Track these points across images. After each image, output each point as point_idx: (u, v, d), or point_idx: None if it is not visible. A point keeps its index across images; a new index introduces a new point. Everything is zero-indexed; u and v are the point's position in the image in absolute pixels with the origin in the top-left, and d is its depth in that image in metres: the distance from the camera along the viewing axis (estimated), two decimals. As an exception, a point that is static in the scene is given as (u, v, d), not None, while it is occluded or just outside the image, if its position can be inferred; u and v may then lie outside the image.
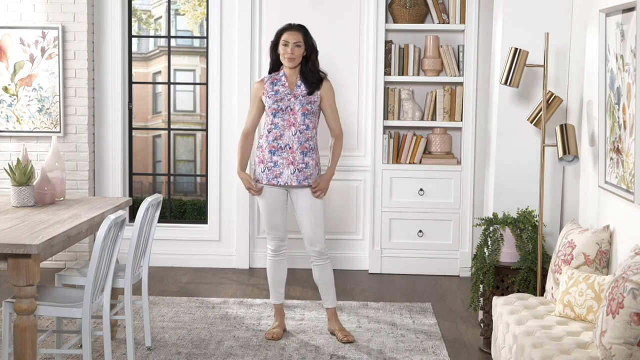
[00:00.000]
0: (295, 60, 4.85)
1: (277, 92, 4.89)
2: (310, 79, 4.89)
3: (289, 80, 4.91)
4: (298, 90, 4.89)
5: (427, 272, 6.75)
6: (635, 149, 3.69)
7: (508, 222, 4.79)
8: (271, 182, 4.90)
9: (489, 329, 4.84)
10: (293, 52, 4.83)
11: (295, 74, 4.92)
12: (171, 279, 6.51)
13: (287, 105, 4.87)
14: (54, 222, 4.20)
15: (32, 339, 3.73)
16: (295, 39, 4.84)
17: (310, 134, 4.91)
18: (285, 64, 4.88)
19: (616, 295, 3.16)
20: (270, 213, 4.99)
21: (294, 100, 4.87)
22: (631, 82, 3.78)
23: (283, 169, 4.88)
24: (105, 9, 6.81)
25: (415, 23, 6.64)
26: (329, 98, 4.94)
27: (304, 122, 4.87)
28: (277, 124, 4.88)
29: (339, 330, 5.03)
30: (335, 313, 5.11)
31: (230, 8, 6.76)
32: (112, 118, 6.88)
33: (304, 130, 4.88)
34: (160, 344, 4.87)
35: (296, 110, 4.87)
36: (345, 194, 6.83)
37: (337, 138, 5.00)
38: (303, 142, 4.88)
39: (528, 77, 4.96)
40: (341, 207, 6.78)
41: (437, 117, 6.67)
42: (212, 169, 6.88)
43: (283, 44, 4.85)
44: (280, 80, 4.91)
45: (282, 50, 4.85)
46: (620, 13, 3.94)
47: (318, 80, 4.91)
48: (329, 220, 6.80)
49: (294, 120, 4.87)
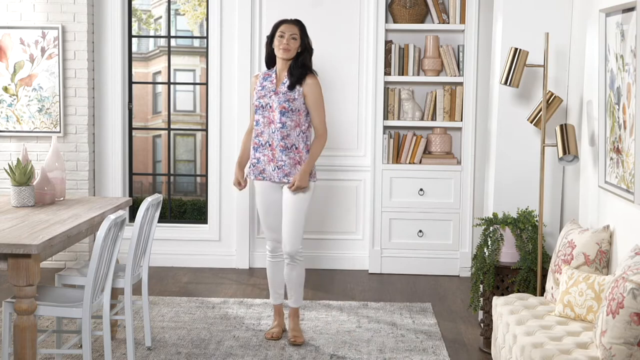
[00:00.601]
0: (290, 51, 4.79)
1: (263, 88, 4.86)
2: (294, 73, 4.80)
3: (279, 77, 4.86)
4: (282, 88, 4.82)
5: (427, 272, 6.75)
6: (635, 149, 3.69)
7: (508, 222, 4.79)
8: (257, 177, 4.93)
9: (489, 329, 4.84)
10: (288, 44, 4.77)
11: (285, 70, 4.85)
12: (171, 279, 6.51)
13: (267, 103, 4.83)
14: (54, 222, 4.20)
15: (32, 339, 3.73)
16: (292, 31, 4.80)
17: (287, 132, 4.80)
18: (279, 55, 4.81)
19: (616, 295, 3.16)
20: (265, 213, 4.98)
21: (274, 98, 4.81)
22: (631, 82, 3.78)
23: (265, 165, 4.88)
24: (105, 9, 6.81)
25: (415, 23, 6.64)
26: (313, 95, 4.82)
27: (280, 120, 4.79)
28: (258, 121, 4.88)
29: (292, 329, 4.97)
30: (296, 314, 5.02)
31: (230, 8, 6.76)
32: (112, 118, 6.88)
33: (280, 128, 4.80)
34: (160, 344, 4.87)
35: (274, 107, 4.81)
36: (345, 194, 6.83)
37: (319, 137, 4.87)
38: (281, 140, 4.81)
39: (528, 77, 4.96)
40: (341, 207, 6.78)
41: (437, 117, 6.67)
42: (212, 169, 6.88)
43: (279, 36, 4.80)
44: (270, 77, 4.88)
45: (277, 42, 4.80)
46: (620, 13, 3.94)
47: (301, 75, 4.79)
48: (329, 220, 6.81)
49: (272, 117, 4.83)
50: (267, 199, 4.95)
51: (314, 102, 4.83)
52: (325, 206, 6.81)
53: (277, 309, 5.15)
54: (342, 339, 5.02)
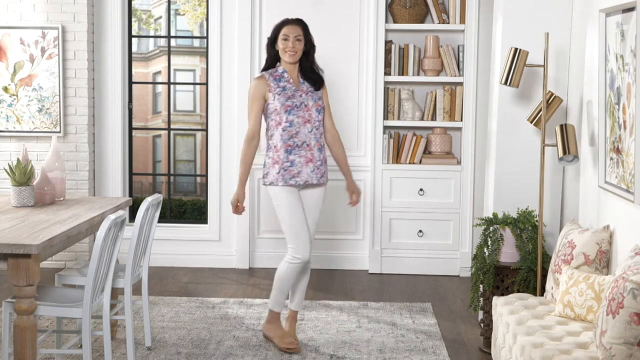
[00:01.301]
0: (297, 54, 4.70)
1: (284, 89, 4.71)
2: (311, 75, 4.77)
3: (292, 77, 4.76)
4: (304, 87, 4.75)
5: (427, 272, 6.75)
6: (635, 149, 3.69)
7: (508, 222, 4.79)
8: (289, 182, 4.69)
9: (489, 329, 4.84)
10: (294, 46, 4.68)
11: (295, 70, 4.78)
12: (171, 279, 6.51)
13: (301, 102, 4.70)
14: (54, 222, 4.20)
15: (32, 339, 3.73)
16: (296, 32, 4.70)
17: (322, 131, 4.80)
18: (286, 59, 4.72)
19: (616, 295, 3.16)
20: (301, 215, 4.71)
21: (305, 97, 4.72)
22: (631, 82, 3.78)
23: (302, 167, 4.70)
24: (105, 9, 6.81)
25: (415, 23, 6.64)
26: (326, 98, 4.87)
27: (318, 118, 4.75)
28: (292, 122, 4.68)
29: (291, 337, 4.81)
30: (295, 317, 4.93)
31: (230, 8, 6.76)
32: (112, 118, 6.88)
33: (318, 126, 4.76)
34: (160, 344, 4.87)
35: (310, 106, 4.72)
36: (346, 194, 6.80)
37: (335, 139, 4.89)
38: (318, 139, 4.76)
39: (528, 77, 4.96)
40: (341, 207, 6.77)
41: (437, 117, 6.67)
42: (212, 169, 6.88)
43: (283, 39, 4.69)
44: (283, 77, 4.74)
45: (282, 45, 4.70)
46: (620, 13, 3.94)
47: (320, 77, 4.81)
48: (328, 220, 6.81)
49: (309, 116, 4.71)
50: (297, 201, 4.72)
51: (328, 103, 4.88)
52: (325, 206, 6.81)
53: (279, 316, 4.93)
54: (342, 339, 5.02)
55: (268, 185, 4.77)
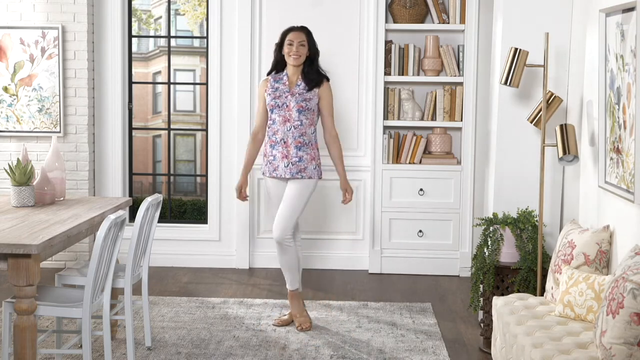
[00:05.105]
0: (300, 58, 5.11)
1: (276, 90, 5.15)
2: (311, 77, 5.13)
3: (290, 80, 5.17)
4: (296, 89, 5.13)
5: (427, 272, 6.75)
6: (635, 149, 3.69)
7: (508, 222, 4.79)
8: (272, 174, 5.20)
9: (489, 329, 4.84)
10: (298, 51, 5.09)
11: (297, 74, 5.16)
12: (171, 279, 6.51)
13: (284, 102, 5.12)
14: (54, 222, 4.20)
15: (32, 339, 3.73)
16: (300, 38, 5.11)
17: (304, 130, 5.12)
18: (290, 62, 5.13)
19: (616, 295, 3.16)
20: (274, 206, 5.27)
21: (290, 98, 5.12)
22: (631, 82, 3.78)
23: (279, 162, 5.15)
24: (105, 9, 6.81)
25: (415, 23, 6.64)
26: (327, 99, 5.17)
27: (298, 118, 5.11)
28: (274, 120, 5.16)
29: (294, 315, 5.26)
30: (294, 296, 5.28)
31: (230, 8, 6.76)
32: (112, 118, 6.88)
33: (298, 125, 5.11)
34: (160, 344, 4.87)
35: (291, 107, 5.11)
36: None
37: (333, 139, 5.22)
38: (297, 137, 5.11)
39: (528, 77, 4.96)
40: (341, 207, 6.77)
41: (437, 117, 6.67)
42: (212, 169, 6.88)
43: (288, 44, 5.11)
44: (282, 79, 5.17)
45: (287, 49, 5.12)
46: (620, 13, 3.94)
47: (319, 79, 5.15)
48: (329, 220, 6.81)
49: (289, 116, 5.12)
50: (279, 193, 5.21)
51: (328, 104, 5.18)
52: (325, 206, 6.81)
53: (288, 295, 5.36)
54: (342, 339, 5.02)
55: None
